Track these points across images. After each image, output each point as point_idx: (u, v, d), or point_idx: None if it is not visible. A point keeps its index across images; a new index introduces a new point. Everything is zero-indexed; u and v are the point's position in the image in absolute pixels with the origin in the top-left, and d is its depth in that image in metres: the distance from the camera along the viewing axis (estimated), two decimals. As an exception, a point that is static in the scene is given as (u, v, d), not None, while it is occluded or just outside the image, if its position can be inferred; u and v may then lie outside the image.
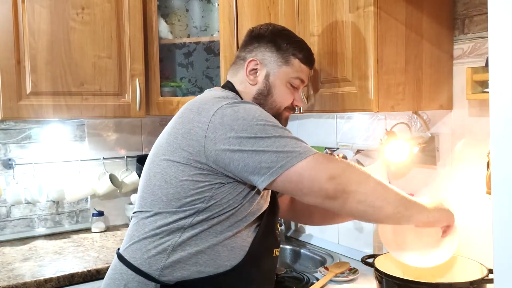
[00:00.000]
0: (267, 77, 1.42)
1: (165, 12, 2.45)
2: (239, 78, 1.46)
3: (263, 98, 1.43)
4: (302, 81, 1.47)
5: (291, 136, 1.22)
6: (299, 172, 1.17)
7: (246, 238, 1.31)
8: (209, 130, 1.22)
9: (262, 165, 1.18)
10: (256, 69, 1.43)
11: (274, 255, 1.41)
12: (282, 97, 1.44)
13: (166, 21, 2.43)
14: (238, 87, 1.45)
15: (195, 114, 1.27)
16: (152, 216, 1.29)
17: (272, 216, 1.40)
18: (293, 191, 1.22)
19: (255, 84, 1.43)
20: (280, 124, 1.25)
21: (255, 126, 1.20)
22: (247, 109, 1.24)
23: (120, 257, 1.33)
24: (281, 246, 2.27)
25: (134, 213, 1.37)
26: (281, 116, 1.46)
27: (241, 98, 1.40)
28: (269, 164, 1.18)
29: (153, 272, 1.25)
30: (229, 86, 1.45)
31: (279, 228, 1.52)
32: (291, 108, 1.48)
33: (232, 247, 1.28)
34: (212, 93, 1.39)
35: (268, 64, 1.43)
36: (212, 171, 1.23)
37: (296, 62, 1.44)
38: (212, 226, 1.26)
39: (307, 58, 1.47)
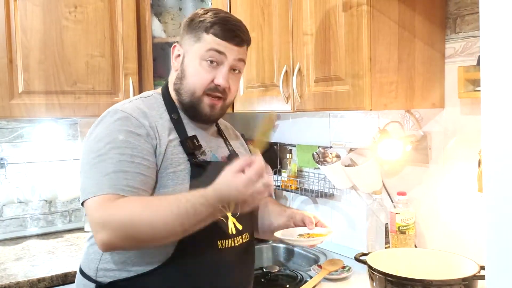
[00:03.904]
0: (183, 59, 1.34)
1: (158, 10, 2.45)
2: (172, 68, 1.41)
3: (179, 83, 1.34)
4: (220, 53, 1.30)
5: (107, 167, 1.18)
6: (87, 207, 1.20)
7: None
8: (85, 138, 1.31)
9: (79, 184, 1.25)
10: (180, 54, 1.36)
11: (219, 247, 1.27)
12: (195, 76, 1.31)
13: (159, 20, 2.42)
14: (170, 78, 1.40)
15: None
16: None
17: None
18: None
19: (176, 70, 1.36)
20: (116, 148, 1.20)
21: (90, 145, 1.24)
22: (104, 123, 1.25)
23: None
24: (274, 244, 2.30)
25: None
26: (201, 102, 1.32)
27: (168, 93, 1.37)
28: (80, 186, 1.23)
29: (92, 273, 1.29)
30: (166, 79, 1.43)
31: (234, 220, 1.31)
32: (214, 89, 1.31)
33: None
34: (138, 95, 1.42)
35: (184, 46, 1.35)
36: None
37: (209, 37, 1.30)
38: None
39: (223, 32, 1.29)
